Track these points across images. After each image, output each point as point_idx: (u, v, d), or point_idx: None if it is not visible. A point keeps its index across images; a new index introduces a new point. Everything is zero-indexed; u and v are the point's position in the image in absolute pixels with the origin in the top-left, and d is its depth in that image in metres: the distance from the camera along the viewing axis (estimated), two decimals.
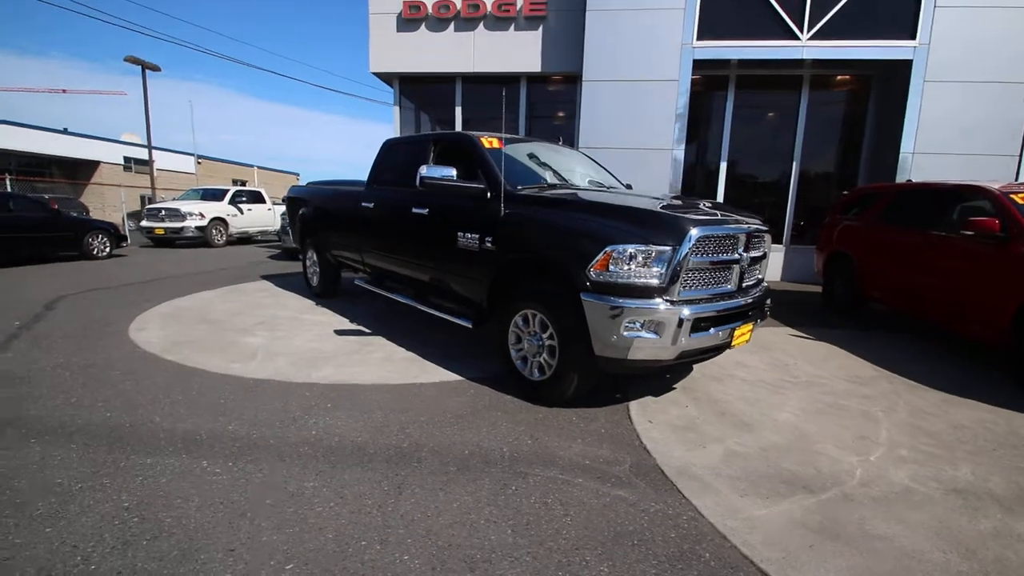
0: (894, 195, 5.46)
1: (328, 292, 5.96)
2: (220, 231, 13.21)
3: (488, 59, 8.73)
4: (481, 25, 8.66)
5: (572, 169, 4.26)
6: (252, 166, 40.80)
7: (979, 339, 3.98)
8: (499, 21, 8.59)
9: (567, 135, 9.04)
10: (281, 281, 7.29)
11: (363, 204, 4.76)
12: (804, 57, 7.67)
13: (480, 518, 1.99)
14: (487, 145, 3.74)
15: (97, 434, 2.56)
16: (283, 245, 9.63)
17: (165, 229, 12.34)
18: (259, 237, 14.97)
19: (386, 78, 9.42)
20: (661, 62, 7.83)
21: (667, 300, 2.65)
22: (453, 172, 3.45)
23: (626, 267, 2.64)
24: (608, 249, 2.65)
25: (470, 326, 3.56)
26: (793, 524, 2.00)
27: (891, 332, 5.20)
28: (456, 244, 3.57)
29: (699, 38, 7.77)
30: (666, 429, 2.83)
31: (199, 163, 32.06)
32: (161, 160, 27.20)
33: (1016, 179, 7.51)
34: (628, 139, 8.02)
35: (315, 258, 5.96)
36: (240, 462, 2.34)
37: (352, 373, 3.55)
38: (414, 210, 4.03)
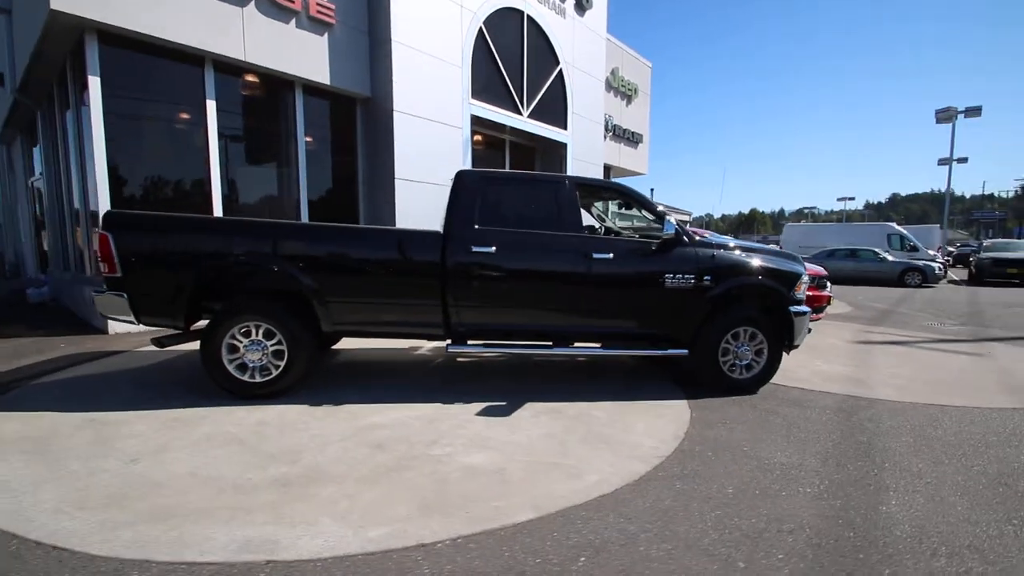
0: None
1: (299, 381, 3.77)
2: None
3: (260, 50, 6.72)
4: (253, 4, 6.57)
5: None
6: None
7: None
8: (278, 9, 6.79)
9: (349, 162, 8.23)
10: (101, 394, 3.41)
11: (475, 249, 3.74)
12: (526, 129, 10.41)
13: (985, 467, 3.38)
14: None
15: None
16: None
17: None
18: None
19: (70, 26, 5.42)
20: (453, 108, 8.64)
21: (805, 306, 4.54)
22: None
23: (804, 287, 4.34)
24: (804, 277, 4.27)
25: (687, 353, 4.09)
26: (917, 387, 4.44)
27: None
28: (664, 285, 3.98)
29: (472, 96, 9.09)
30: (813, 381, 4.67)
31: None
32: None
33: None
34: (436, 175, 8.31)
35: (263, 337, 3.59)
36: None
37: (651, 452, 3.36)
38: (596, 255, 3.90)
